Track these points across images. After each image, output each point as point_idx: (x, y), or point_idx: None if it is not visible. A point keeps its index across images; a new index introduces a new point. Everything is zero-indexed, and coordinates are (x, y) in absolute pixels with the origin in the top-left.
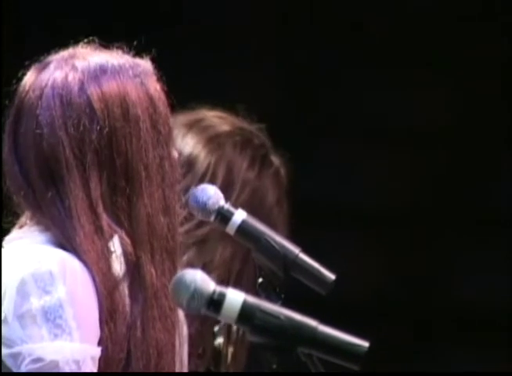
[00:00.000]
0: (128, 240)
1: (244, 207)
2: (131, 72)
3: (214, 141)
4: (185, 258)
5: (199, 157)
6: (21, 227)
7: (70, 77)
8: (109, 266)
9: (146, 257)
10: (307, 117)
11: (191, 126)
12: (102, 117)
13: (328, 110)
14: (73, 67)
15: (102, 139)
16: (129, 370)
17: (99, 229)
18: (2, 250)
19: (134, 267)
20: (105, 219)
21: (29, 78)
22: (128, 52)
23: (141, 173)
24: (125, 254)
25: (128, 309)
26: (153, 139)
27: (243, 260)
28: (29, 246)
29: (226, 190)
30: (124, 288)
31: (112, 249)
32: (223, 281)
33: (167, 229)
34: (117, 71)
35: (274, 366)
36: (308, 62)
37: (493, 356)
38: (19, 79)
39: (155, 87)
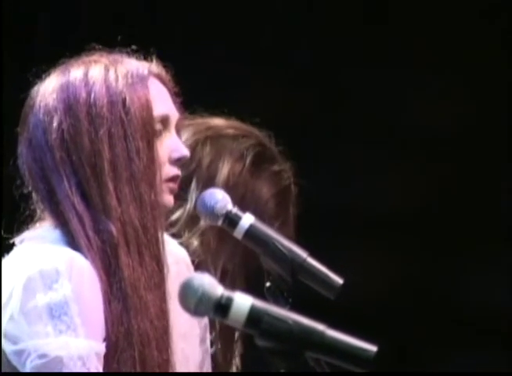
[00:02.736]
0: (107, 231)
1: (234, 197)
2: (111, 76)
3: (204, 131)
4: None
5: (185, 143)
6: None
7: (49, 88)
8: (99, 257)
9: (121, 249)
10: (316, 121)
11: (188, 125)
12: (65, 118)
13: (336, 116)
14: (56, 78)
15: (67, 137)
16: (118, 361)
17: (81, 222)
18: (14, 249)
19: (113, 258)
20: (84, 212)
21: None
22: (134, 56)
23: (105, 167)
24: (106, 245)
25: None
26: (118, 134)
27: (230, 253)
28: (38, 245)
29: (210, 177)
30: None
31: (98, 241)
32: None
33: (139, 223)
34: (92, 77)
35: (282, 371)
36: (311, 62)
37: (493, 357)
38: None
39: (135, 87)
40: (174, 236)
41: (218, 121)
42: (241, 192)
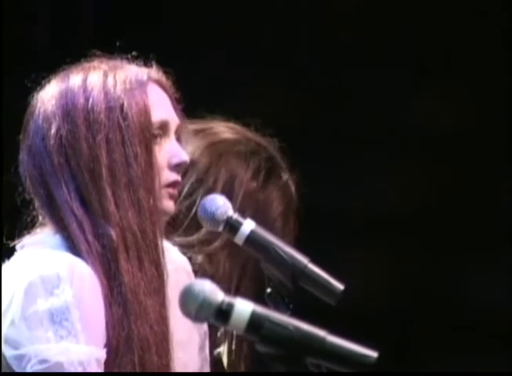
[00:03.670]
0: (107, 236)
1: (245, 217)
2: (110, 82)
3: (216, 147)
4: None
5: (199, 161)
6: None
7: (49, 95)
8: (100, 262)
9: (121, 254)
10: (315, 122)
11: (197, 133)
12: (63, 124)
13: (336, 116)
14: (56, 84)
15: (66, 143)
16: (119, 366)
17: (81, 227)
18: (14, 255)
19: (113, 263)
20: (84, 217)
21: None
22: (135, 61)
23: (103, 173)
24: (106, 250)
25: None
26: (116, 140)
27: (239, 276)
28: (39, 250)
29: (227, 198)
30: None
31: (98, 245)
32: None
33: (138, 228)
34: (91, 83)
35: None
36: (311, 62)
37: (493, 357)
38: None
39: (133, 93)
40: (191, 258)
41: (227, 134)
42: (252, 213)
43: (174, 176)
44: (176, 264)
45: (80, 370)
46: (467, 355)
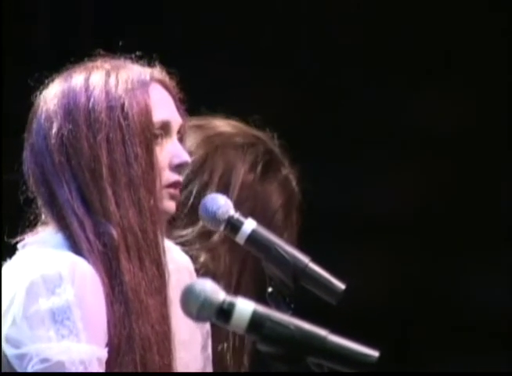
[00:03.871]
0: (108, 234)
1: (245, 210)
2: (112, 82)
3: (213, 139)
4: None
5: (195, 153)
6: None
7: (51, 94)
8: (101, 260)
9: (122, 254)
10: (315, 122)
11: (196, 128)
12: (65, 123)
13: (336, 116)
14: (58, 84)
15: (67, 142)
16: (120, 365)
17: (82, 226)
18: (16, 254)
19: (114, 261)
20: (85, 216)
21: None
22: (139, 61)
23: (104, 172)
24: (107, 248)
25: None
26: (117, 139)
27: (240, 270)
28: (41, 250)
29: (223, 190)
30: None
31: (99, 244)
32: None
33: (139, 228)
34: (93, 82)
35: None
36: (311, 62)
37: (493, 358)
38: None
39: (135, 92)
40: (192, 256)
41: (225, 128)
42: (252, 205)
43: (176, 177)
44: (178, 263)
45: (81, 369)
46: (467, 355)
